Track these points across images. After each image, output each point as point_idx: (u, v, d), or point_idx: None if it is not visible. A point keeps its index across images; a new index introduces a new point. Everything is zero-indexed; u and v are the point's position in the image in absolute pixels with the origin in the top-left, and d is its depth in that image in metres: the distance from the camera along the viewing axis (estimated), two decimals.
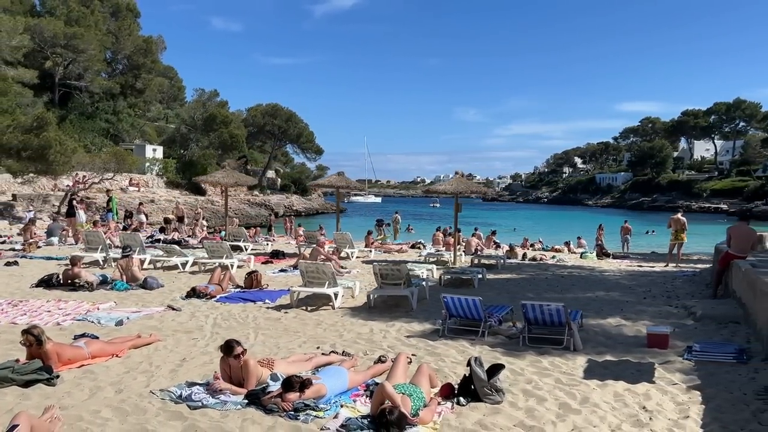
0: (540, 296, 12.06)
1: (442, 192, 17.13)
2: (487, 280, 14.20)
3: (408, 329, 8.77)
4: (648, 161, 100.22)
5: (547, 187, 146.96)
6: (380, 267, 10.31)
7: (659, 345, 7.72)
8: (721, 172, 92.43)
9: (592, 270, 16.81)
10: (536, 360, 7.15)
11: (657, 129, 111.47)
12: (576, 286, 13.46)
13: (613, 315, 9.98)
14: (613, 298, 11.76)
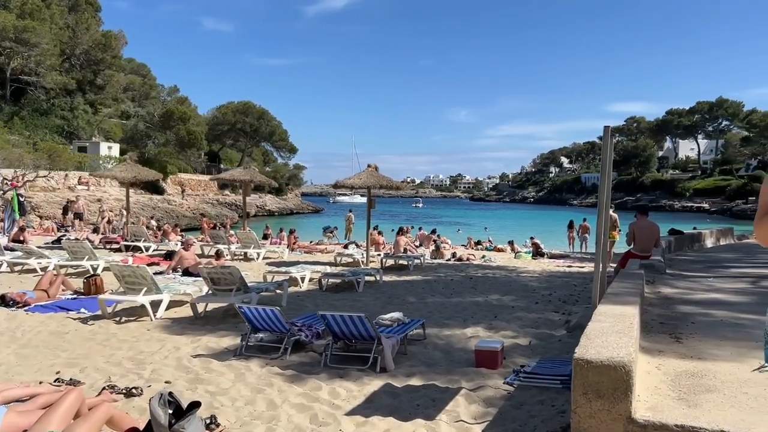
0: (422, 300, 10.64)
1: (349, 186, 15.62)
2: (382, 282, 12.75)
3: (211, 347, 7.25)
4: (632, 161, 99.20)
5: (534, 187, 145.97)
6: (209, 270, 8.79)
7: (487, 364, 6.24)
8: (705, 171, 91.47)
9: (512, 271, 15.37)
10: (319, 387, 5.66)
11: (642, 128, 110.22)
12: (475, 289, 12.01)
13: (478, 324, 8.50)
14: (499, 303, 10.30)
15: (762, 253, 13.53)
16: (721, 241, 16.81)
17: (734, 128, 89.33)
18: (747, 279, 8.87)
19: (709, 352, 4.45)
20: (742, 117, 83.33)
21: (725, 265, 11.18)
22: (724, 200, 72.97)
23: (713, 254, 13.79)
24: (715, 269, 10.50)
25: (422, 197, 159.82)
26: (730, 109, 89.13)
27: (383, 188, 15.94)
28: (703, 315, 6.00)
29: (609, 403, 2.91)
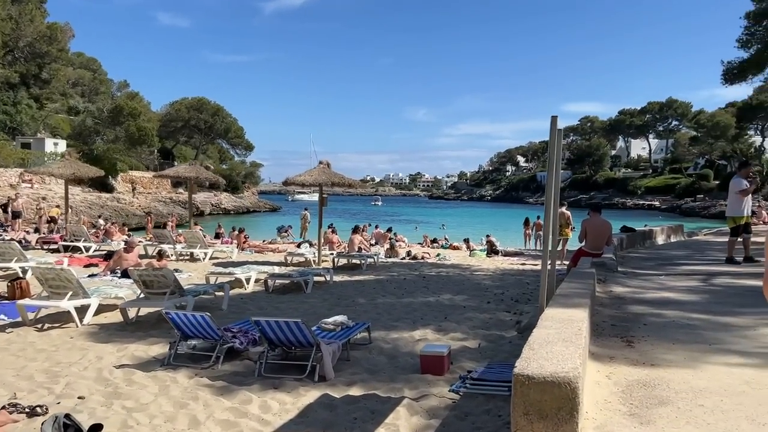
0: (372, 301, 10.24)
1: (300, 183, 15.10)
2: (332, 283, 12.31)
3: (138, 356, 6.68)
4: (586, 159, 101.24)
5: (491, 186, 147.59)
6: (140, 272, 8.19)
7: (433, 370, 5.89)
8: (655, 170, 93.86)
9: (466, 269, 15.13)
10: (249, 400, 5.20)
11: (595, 128, 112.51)
12: (427, 289, 11.68)
13: (427, 325, 8.16)
14: (450, 303, 9.99)
15: (712, 250, 13.63)
16: (672, 238, 16.94)
17: (683, 128, 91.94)
18: (698, 277, 8.78)
19: (661, 357, 4.18)
20: (691, 117, 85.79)
21: (676, 263, 11.14)
22: (674, 198, 74.93)
23: (664, 251, 13.82)
24: (667, 267, 10.43)
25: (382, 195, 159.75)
26: (680, 110, 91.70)
27: (336, 185, 15.48)
28: (654, 315, 5.78)
29: (553, 424, 2.56)
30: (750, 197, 10.64)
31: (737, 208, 10.37)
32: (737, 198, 10.30)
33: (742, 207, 10.31)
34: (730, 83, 24.38)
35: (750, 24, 22.86)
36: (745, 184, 10.28)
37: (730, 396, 3.31)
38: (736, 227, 10.32)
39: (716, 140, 71.15)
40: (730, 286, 7.71)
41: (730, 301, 6.61)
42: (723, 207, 52.78)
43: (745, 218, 10.33)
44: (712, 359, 4.12)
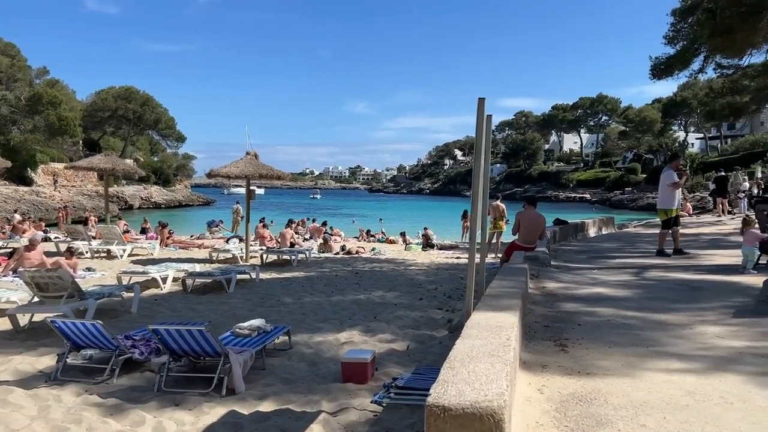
0: (299, 300, 9.63)
1: (225, 175, 14.26)
2: (258, 281, 11.62)
3: (22, 369, 5.86)
4: (521, 153, 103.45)
5: (430, 179, 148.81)
6: (32, 274, 7.29)
7: (356, 378, 5.39)
8: (587, 163, 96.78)
9: (400, 264, 14.73)
10: (142, 420, 4.53)
11: (530, 122, 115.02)
12: (359, 285, 11.18)
13: (355, 326, 7.64)
14: (381, 301, 9.52)
15: (642, 242, 13.74)
16: (603, 230, 17.12)
17: (612, 123, 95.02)
18: (630, 270, 8.65)
19: (597, 364, 3.81)
20: (620, 113, 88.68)
21: (608, 255, 11.08)
22: (604, 191, 77.34)
23: (596, 244, 13.85)
24: (599, 260, 10.32)
25: (321, 189, 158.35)
26: (609, 105, 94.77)
27: (263, 177, 14.73)
28: (589, 314, 5.47)
29: None
30: (680, 190, 10.66)
31: (669, 200, 10.35)
32: (669, 190, 10.29)
33: (673, 199, 10.30)
34: (657, 78, 24.91)
35: (676, 21, 23.36)
36: (676, 177, 10.27)
37: (674, 411, 2.95)
38: (667, 220, 10.31)
39: (643, 135, 73.81)
40: (662, 280, 7.56)
41: (664, 296, 6.41)
42: (650, 199, 54.44)
43: (676, 210, 10.33)
44: (651, 365, 3.78)
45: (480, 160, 3.92)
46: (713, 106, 32.88)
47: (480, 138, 3.91)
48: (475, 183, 3.97)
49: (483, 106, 3.93)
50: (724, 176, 22.33)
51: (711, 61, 25.92)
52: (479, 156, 3.94)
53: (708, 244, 12.48)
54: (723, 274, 7.87)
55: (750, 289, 6.70)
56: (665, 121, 70.63)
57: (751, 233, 7.78)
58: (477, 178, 3.97)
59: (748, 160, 54.30)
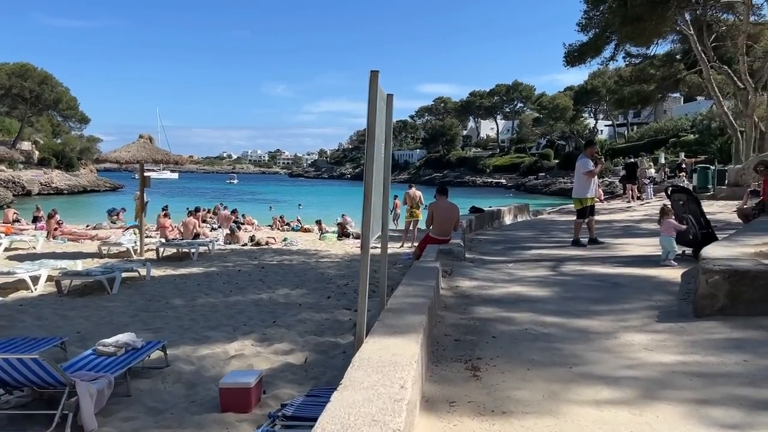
0: (191, 302, 8.62)
1: (114, 160, 12.88)
2: (149, 279, 10.46)
3: None
4: (440, 139, 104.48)
5: (351, 164, 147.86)
6: None
7: (237, 407, 4.55)
8: (503, 149, 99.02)
9: (312, 256, 13.90)
10: None
11: (448, 108, 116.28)
12: (263, 282, 10.26)
13: (249, 334, 6.76)
14: (285, 300, 8.67)
15: (557, 230, 13.57)
16: (518, 217, 16.96)
17: (527, 110, 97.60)
18: (546, 263, 8.22)
19: (515, 396, 3.16)
20: (534, 100, 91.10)
21: (524, 245, 10.72)
22: (519, 176, 79.34)
23: (512, 232, 13.55)
24: (515, 251, 9.91)
25: (239, 173, 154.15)
26: (524, 92, 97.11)
27: (157, 162, 13.46)
28: (505, 321, 4.87)
29: None
30: (596, 177, 10.40)
31: (583, 189, 10.06)
32: (584, 179, 9.99)
33: (589, 188, 10.01)
34: (571, 65, 25.27)
35: (589, 8, 23.69)
36: (591, 165, 9.98)
37: None
38: (582, 209, 10.02)
39: (556, 121, 76.16)
40: (580, 275, 7.14)
41: (583, 295, 5.94)
42: (562, 184, 56.03)
43: (591, 200, 10.06)
44: (577, 394, 3.18)
45: (373, 143, 3.16)
46: (622, 94, 34.03)
47: (373, 118, 3.14)
48: (368, 172, 3.20)
49: (376, 80, 3.15)
50: (634, 163, 22.89)
51: (621, 49, 26.60)
52: (372, 140, 3.17)
53: (621, 232, 12.42)
54: (640, 266, 7.57)
55: (669, 285, 6.37)
56: (576, 108, 73.17)
57: (668, 223, 7.50)
58: (370, 166, 3.19)
59: (653, 146, 57.07)
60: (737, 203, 17.25)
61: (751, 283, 4.70)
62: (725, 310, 4.75)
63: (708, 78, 24.47)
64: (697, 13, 24.30)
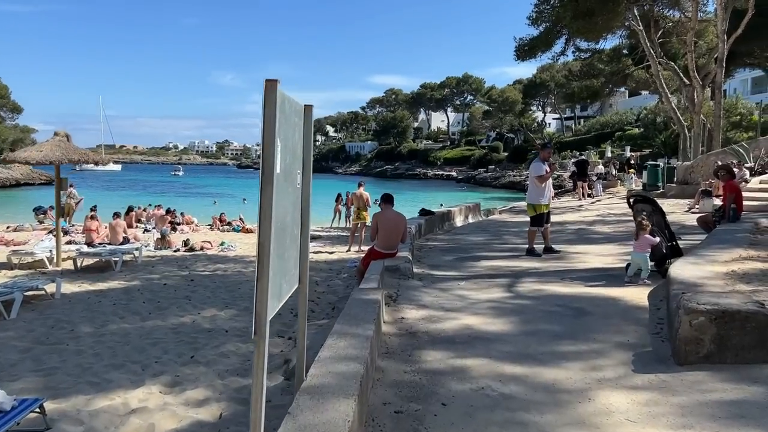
0: (100, 329, 7.52)
1: (23, 161, 11.43)
2: (59, 297, 9.23)
3: None
4: (391, 131, 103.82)
5: None
6: None
7: None
8: (453, 142, 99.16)
9: (249, 264, 12.82)
10: None
11: (399, 100, 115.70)
12: (189, 300, 9.19)
13: (159, 375, 5.75)
14: (211, 325, 7.65)
15: (509, 235, 12.95)
16: (470, 218, 16.30)
17: (477, 102, 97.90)
18: (500, 280, 7.47)
19: None
20: (484, 93, 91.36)
21: (476, 254, 9.98)
22: (469, 168, 79.50)
23: (463, 236, 12.84)
24: (466, 262, 9.15)
25: (186, 164, 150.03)
26: (474, 85, 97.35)
27: (74, 162, 12.09)
28: (457, 374, 4.05)
29: None
30: (550, 183, 9.73)
31: (536, 194, 9.37)
32: (536, 183, 9.31)
33: (543, 193, 9.34)
34: (522, 60, 24.83)
35: (539, 2, 23.23)
36: (544, 169, 9.30)
37: None
38: (536, 216, 9.33)
39: (505, 114, 76.45)
40: (538, 297, 6.41)
41: (544, 328, 5.19)
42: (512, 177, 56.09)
43: (546, 206, 9.39)
44: None
45: (272, 175, 2.25)
46: (572, 88, 34.08)
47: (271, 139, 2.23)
48: (265, 218, 2.29)
49: (274, 92, 2.23)
50: (585, 160, 22.66)
51: (572, 44, 26.33)
52: (270, 170, 2.25)
53: (576, 237, 11.88)
54: (602, 284, 6.92)
55: (637, 311, 5.71)
56: (525, 101, 73.69)
57: (645, 239, 6.84)
58: (268, 207, 2.28)
59: (599, 140, 57.97)
60: (687, 202, 17.13)
61: (741, 326, 4.02)
62: (711, 358, 4.06)
63: (656, 74, 24.44)
64: (645, 9, 24.23)
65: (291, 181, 2.67)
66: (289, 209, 2.67)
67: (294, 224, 2.87)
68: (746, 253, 7.05)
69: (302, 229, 3.10)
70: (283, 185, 2.51)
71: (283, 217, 2.58)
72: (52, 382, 5.63)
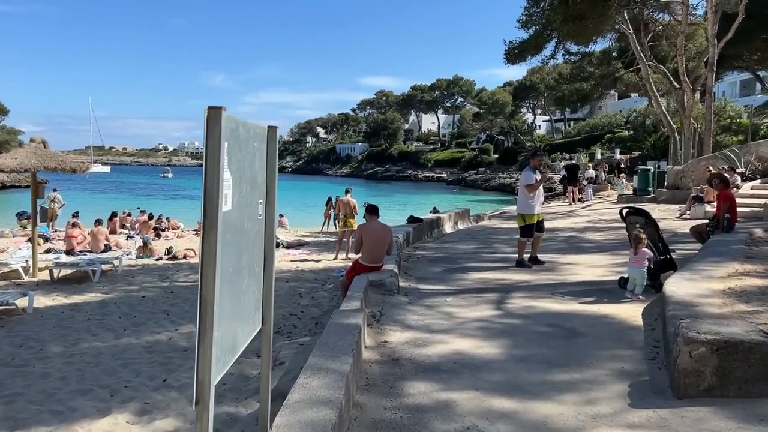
0: (71, 348, 7.17)
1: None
2: (31, 313, 8.86)
3: None
4: (382, 133, 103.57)
5: (292, 157, 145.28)
6: None
7: None
8: (444, 143, 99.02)
9: None
10: None
11: (390, 102, 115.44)
12: (167, 315, 8.83)
13: (129, 401, 5.42)
14: (188, 344, 7.32)
15: (497, 242, 12.70)
16: (459, 224, 16.04)
17: (467, 104, 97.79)
18: (489, 295, 7.19)
19: None
20: (474, 95, 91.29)
21: (464, 265, 9.70)
22: (460, 170, 79.32)
23: (452, 245, 12.57)
24: (455, 274, 8.87)
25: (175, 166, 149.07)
26: (465, 87, 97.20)
27: (50, 170, 11.70)
28: (441, 412, 3.76)
29: None
30: (541, 191, 9.45)
31: (526, 204, 9.09)
32: (526, 193, 9.04)
33: (533, 203, 9.06)
34: (511, 63, 24.65)
35: (529, 4, 23.05)
36: (534, 178, 9.01)
37: None
38: (525, 227, 9.05)
39: (496, 117, 76.38)
40: (529, 315, 6.14)
41: (536, 353, 4.91)
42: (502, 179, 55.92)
43: (537, 216, 9.11)
44: None
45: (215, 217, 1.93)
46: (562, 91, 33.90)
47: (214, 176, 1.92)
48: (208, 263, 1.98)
49: (218, 121, 1.93)
50: (575, 164, 22.47)
51: (562, 47, 26.16)
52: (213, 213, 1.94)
53: (567, 246, 11.64)
54: (594, 299, 6.67)
55: (631, 333, 5.45)
56: (515, 104, 73.67)
57: (643, 253, 6.59)
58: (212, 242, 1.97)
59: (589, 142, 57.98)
60: (678, 207, 16.94)
61: (745, 358, 3.76)
62: (713, 391, 3.79)
63: (646, 77, 24.31)
64: (635, 12, 24.11)
65: (249, 215, 2.36)
66: (247, 247, 2.37)
67: (254, 262, 2.56)
68: (742, 267, 6.81)
69: (266, 265, 2.79)
70: (236, 222, 2.21)
71: (238, 258, 2.28)
72: (12, 410, 5.28)
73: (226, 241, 2.04)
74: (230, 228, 2.07)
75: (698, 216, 14.58)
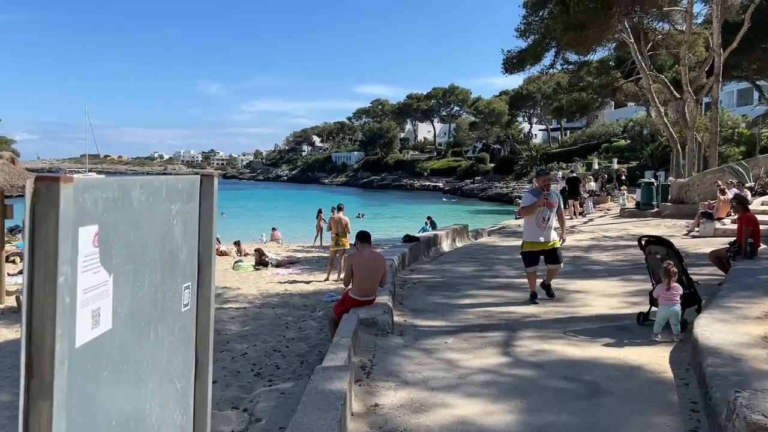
0: (16, 401, 6.26)
1: None
2: None
3: None
4: (377, 141, 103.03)
5: (287, 165, 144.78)
6: None
7: None
8: (440, 152, 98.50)
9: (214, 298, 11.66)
10: None
11: (386, 110, 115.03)
12: None
13: None
14: None
15: (500, 264, 11.98)
16: (457, 242, 15.31)
17: (464, 113, 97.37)
18: (494, 336, 6.43)
19: None
20: (470, 104, 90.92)
21: (465, 292, 8.95)
22: (456, 179, 78.71)
23: (451, 266, 11.82)
24: (455, 305, 8.12)
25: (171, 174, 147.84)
26: (461, 96, 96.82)
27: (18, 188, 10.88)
28: None
29: None
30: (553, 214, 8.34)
31: (530, 230, 8.03)
32: (525, 216, 8.22)
33: (538, 231, 7.86)
34: (510, 72, 24.05)
35: (528, 13, 22.46)
36: (532, 200, 7.87)
37: None
38: (524, 254, 8.06)
39: (492, 126, 75.95)
40: (542, 365, 5.38)
41: (556, 421, 4.17)
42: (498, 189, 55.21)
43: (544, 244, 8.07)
44: None
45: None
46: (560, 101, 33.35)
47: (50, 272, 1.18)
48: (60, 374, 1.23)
49: (58, 194, 1.03)
50: (576, 178, 21.80)
51: (561, 56, 25.56)
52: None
53: (573, 269, 10.86)
54: (612, 341, 5.94)
55: (661, 388, 4.72)
56: (512, 113, 73.19)
57: (676, 288, 5.83)
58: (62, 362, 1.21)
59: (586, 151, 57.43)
60: (685, 223, 16.21)
61: None
62: None
63: (648, 87, 23.71)
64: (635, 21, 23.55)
65: (161, 317, 1.59)
66: (157, 365, 1.59)
67: (181, 375, 1.78)
68: None
69: (198, 374, 1.95)
70: (128, 342, 1.43)
71: (135, 401, 1.50)
72: None
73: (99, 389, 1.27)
74: (109, 361, 1.31)
75: (708, 234, 13.88)
